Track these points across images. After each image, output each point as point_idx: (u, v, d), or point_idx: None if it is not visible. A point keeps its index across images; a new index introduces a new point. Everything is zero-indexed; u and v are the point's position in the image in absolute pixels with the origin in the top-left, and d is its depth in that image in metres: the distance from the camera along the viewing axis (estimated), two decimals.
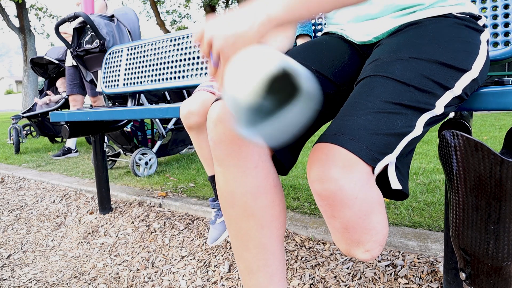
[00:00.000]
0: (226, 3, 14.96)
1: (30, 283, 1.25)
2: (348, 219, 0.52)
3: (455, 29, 0.65)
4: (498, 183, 0.57)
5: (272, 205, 0.64)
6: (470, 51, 0.63)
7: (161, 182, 2.38)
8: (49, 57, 3.95)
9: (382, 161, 0.52)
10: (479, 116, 5.23)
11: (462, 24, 0.66)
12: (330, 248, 1.33)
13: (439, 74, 0.58)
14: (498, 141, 3.07)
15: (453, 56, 0.60)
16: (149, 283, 1.20)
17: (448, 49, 0.61)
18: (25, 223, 1.86)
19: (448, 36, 0.63)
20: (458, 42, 0.63)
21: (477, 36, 0.66)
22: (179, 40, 1.84)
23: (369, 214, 0.52)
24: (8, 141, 4.58)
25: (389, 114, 0.53)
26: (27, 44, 10.84)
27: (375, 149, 0.52)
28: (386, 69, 0.59)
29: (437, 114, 0.58)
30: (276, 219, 0.65)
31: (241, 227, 0.64)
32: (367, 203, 0.52)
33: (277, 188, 0.65)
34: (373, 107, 0.54)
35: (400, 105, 0.54)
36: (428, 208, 1.56)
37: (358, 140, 0.51)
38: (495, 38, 1.02)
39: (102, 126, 1.86)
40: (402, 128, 0.54)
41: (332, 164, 0.50)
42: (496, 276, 0.63)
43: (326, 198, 0.51)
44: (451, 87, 0.58)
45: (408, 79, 0.56)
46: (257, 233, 0.64)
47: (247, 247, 0.65)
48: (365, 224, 0.52)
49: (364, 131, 0.52)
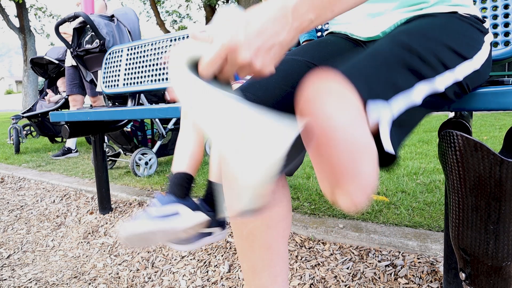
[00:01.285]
0: (226, 2, 14.96)
1: (30, 283, 1.25)
2: (334, 154, 0.45)
3: (460, 24, 0.66)
4: (497, 183, 0.57)
5: (280, 205, 0.64)
6: (474, 45, 0.64)
7: (161, 182, 2.38)
8: (49, 57, 3.95)
9: (375, 106, 0.48)
10: (479, 116, 5.23)
11: (468, 22, 0.67)
12: (330, 248, 1.33)
13: (442, 54, 0.58)
14: (498, 141, 3.07)
15: (457, 44, 0.61)
16: (149, 283, 1.20)
17: (453, 37, 0.62)
18: (25, 223, 1.86)
19: (454, 28, 0.64)
20: (462, 36, 0.64)
21: (481, 36, 0.67)
22: (179, 40, 1.84)
23: (358, 155, 0.45)
24: (8, 141, 4.58)
25: (390, 68, 0.52)
26: (27, 44, 10.84)
27: (371, 85, 0.48)
28: (392, 38, 0.59)
29: (438, 91, 0.56)
30: (283, 220, 0.65)
31: (247, 227, 0.64)
32: (356, 142, 0.45)
33: (285, 188, 0.65)
34: (374, 61, 0.53)
35: (402, 65, 0.53)
36: (428, 208, 1.56)
37: (355, 74, 0.48)
38: (495, 38, 1.02)
39: (102, 126, 1.86)
40: (401, 82, 0.51)
41: (324, 89, 0.44)
42: (495, 276, 0.63)
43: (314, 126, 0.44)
44: (452, 67, 0.58)
45: (412, 48, 0.56)
46: (263, 233, 0.64)
47: (252, 247, 0.65)
48: (352, 164, 0.45)
49: (363, 70, 0.50)
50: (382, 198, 1.72)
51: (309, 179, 2.16)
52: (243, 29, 0.41)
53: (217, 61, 0.42)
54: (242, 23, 0.41)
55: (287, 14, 0.42)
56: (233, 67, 0.42)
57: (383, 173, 2.22)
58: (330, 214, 1.57)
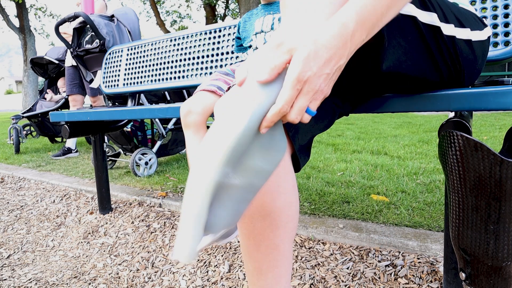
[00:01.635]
0: (226, 2, 14.96)
1: (30, 283, 1.25)
2: None
3: (463, 9, 0.69)
4: (498, 183, 0.57)
5: (289, 206, 0.63)
6: (471, 22, 0.67)
7: (161, 182, 2.38)
8: (49, 57, 3.95)
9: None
10: (479, 116, 5.23)
11: (467, 12, 0.69)
12: (330, 248, 1.33)
13: (442, 6, 0.61)
14: (498, 141, 3.07)
15: (457, 11, 0.65)
16: (149, 283, 1.20)
17: (456, 9, 0.65)
18: (25, 223, 1.86)
19: (458, 8, 0.67)
20: (465, 15, 0.67)
21: (482, 26, 0.69)
22: (179, 40, 1.84)
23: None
24: (8, 141, 4.58)
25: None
26: (27, 44, 10.84)
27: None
28: None
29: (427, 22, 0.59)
30: (291, 220, 0.65)
31: (255, 227, 0.64)
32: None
33: (295, 188, 0.65)
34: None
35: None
36: (428, 208, 1.56)
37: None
38: (495, 38, 1.02)
39: (102, 126, 1.86)
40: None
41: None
42: (496, 276, 0.63)
43: None
44: (445, 23, 0.61)
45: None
46: (271, 233, 0.63)
47: (259, 247, 0.65)
48: None
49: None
50: (382, 198, 1.72)
51: (309, 179, 2.16)
52: (313, 61, 0.42)
53: (294, 94, 0.43)
54: (309, 54, 0.42)
55: (347, 41, 0.44)
56: (307, 97, 0.44)
57: (383, 173, 2.22)
58: (330, 214, 1.57)
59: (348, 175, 2.21)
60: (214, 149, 0.42)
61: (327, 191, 1.89)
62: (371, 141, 3.47)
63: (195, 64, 1.75)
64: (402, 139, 3.49)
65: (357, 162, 2.58)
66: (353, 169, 2.37)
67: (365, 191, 1.87)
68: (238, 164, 0.44)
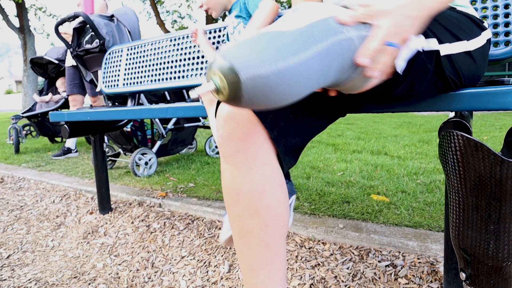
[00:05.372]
0: None
1: (30, 283, 1.25)
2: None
3: (458, 15, 0.68)
4: (498, 183, 0.57)
5: (277, 203, 0.64)
6: (468, 32, 0.66)
7: (161, 182, 2.38)
8: (49, 57, 3.95)
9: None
10: (479, 116, 5.23)
11: (466, 16, 0.68)
12: (330, 248, 1.33)
13: (434, 28, 0.61)
14: (498, 141, 3.07)
15: (451, 25, 0.64)
16: (149, 283, 1.20)
17: (448, 20, 0.64)
18: (25, 223, 1.86)
19: (451, 15, 0.66)
20: (457, 21, 0.65)
21: (479, 31, 0.68)
22: (179, 40, 1.84)
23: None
24: (8, 141, 4.57)
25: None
26: (27, 44, 10.83)
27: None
28: None
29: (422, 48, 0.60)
30: (280, 218, 0.65)
31: (244, 225, 0.64)
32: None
33: (282, 186, 0.66)
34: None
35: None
36: (428, 208, 1.56)
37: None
38: (495, 38, 1.02)
39: (102, 126, 1.86)
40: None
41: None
42: (496, 276, 0.63)
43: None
44: (435, 39, 0.60)
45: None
46: (260, 231, 0.64)
47: (250, 245, 0.65)
48: None
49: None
50: (382, 198, 1.72)
51: (309, 179, 2.16)
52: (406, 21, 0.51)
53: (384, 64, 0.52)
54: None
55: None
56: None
57: (383, 173, 2.22)
58: (330, 214, 1.57)
59: (348, 175, 2.21)
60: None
61: (327, 191, 1.89)
62: (371, 141, 3.47)
63: (195, 64, 1.75)
64: (402, 139, 3.49)
65: (357, 162, 2.58)
66: (353, 169, 2.37)
67: (365, 191, 1.87)
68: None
